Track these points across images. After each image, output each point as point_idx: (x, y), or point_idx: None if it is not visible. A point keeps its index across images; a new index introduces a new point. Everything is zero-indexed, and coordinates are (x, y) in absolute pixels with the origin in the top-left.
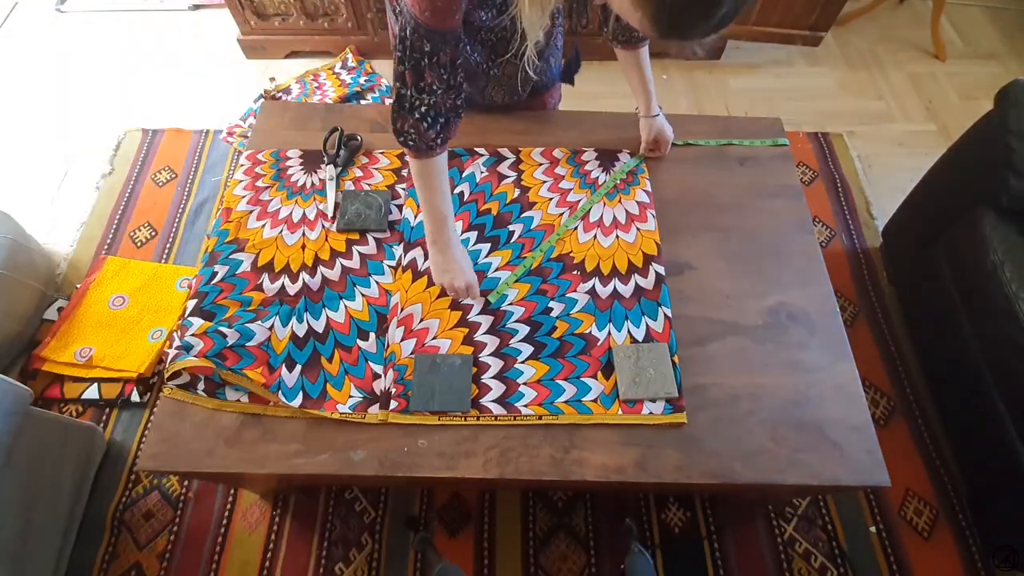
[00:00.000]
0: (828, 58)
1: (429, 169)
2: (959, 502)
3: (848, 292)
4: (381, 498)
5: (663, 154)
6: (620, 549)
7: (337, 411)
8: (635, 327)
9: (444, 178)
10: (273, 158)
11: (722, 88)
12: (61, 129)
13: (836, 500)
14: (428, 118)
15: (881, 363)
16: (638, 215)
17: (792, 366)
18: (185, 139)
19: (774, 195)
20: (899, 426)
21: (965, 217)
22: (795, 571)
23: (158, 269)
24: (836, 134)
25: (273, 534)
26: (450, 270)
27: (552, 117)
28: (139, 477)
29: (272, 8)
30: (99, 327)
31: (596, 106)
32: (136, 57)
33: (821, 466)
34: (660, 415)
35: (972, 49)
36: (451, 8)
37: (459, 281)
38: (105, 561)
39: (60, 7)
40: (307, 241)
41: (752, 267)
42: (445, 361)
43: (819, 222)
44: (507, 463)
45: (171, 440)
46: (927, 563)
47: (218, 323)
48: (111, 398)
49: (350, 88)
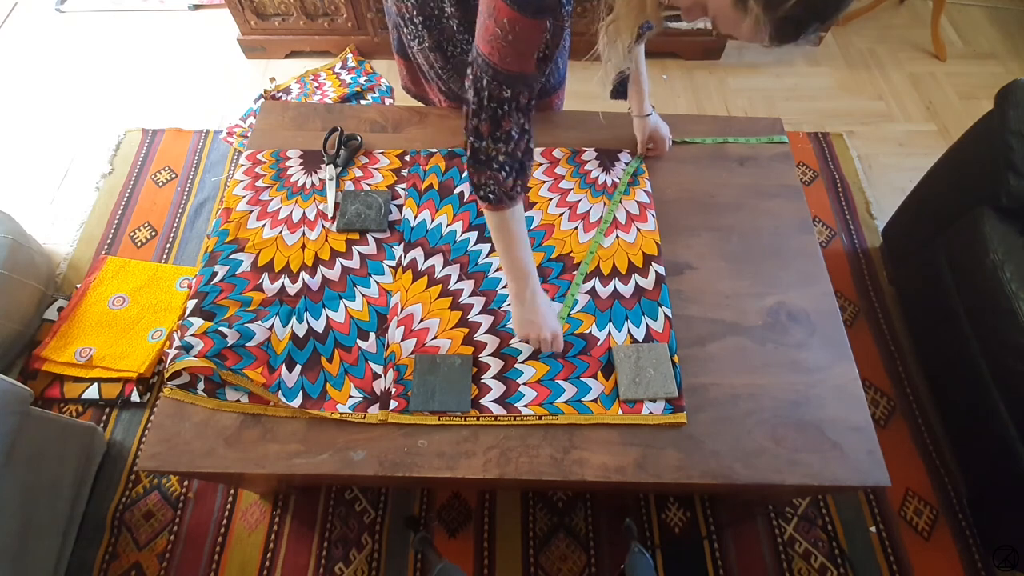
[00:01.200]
0: (828, 58)
1: (508, 221)
2: (959, 502)
3: (848, 292)
4: (381, 498)
5: (662, 152)
6: (620, 549)
7: (337, 411)
8: (635, 327)
9: (524, 229)
10: (273, 158)
11: (722, 88)
12: (61, 129)
13: (836, 500)
14: (507, 167)
15: (881, 363)
16: (638, 215)
17: (792, 366)
18: (185, 139)
19: (774, 195)
20: (899, 426)
21: (965, 217)
22: (795, 571)
23: (158, 269)
24: (836, 134)
25: (273, 534)
26: (535, 322)
27: (552, 117)
28: (139, 477)
29: (272, 8)
30: (99, 327)
31: (596, 106)
32: (136, 57)
33: (821, 466)
34: (660, 415)
35: (972, 49)
36: (532, 50)
37: (545, 332)
38: (105, 561)
39: (60, 7)
40: (307, 241)
41: (752, 267)
42: (445, 361)
43: (819, 222)
44: (507, 463)
45: (171, 440)
46: (927, 563)
47: (218, 323)
48: (111, 398)
49: (350, 88)
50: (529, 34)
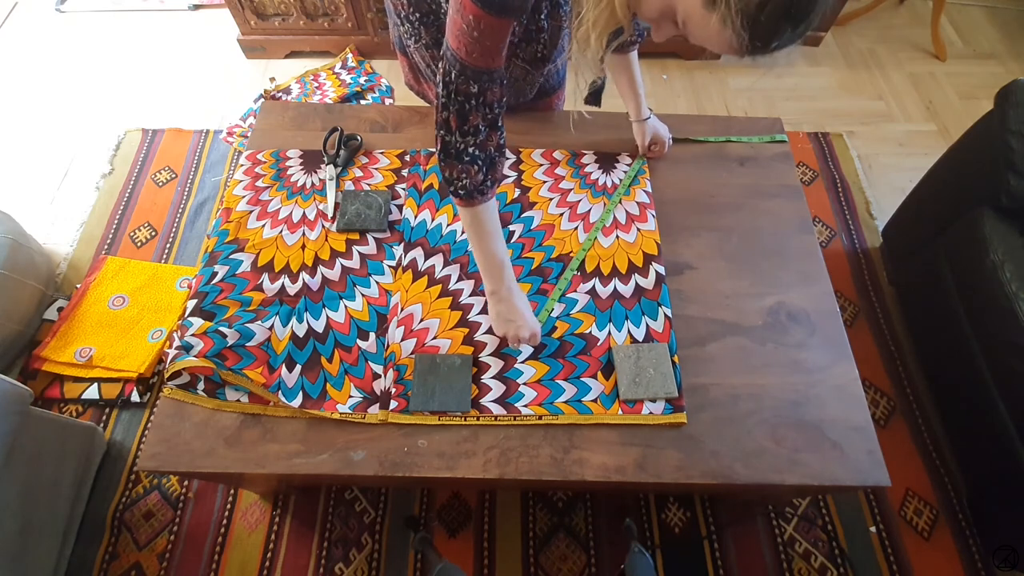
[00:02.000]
0: (828, 58)
1: (481, 216)
2: (959, 502)
3: (848, 292)
4: (381, 498)
5: (663, 153)
6: (620, 549)
7: (337, 411)
8: (635, 327)
9: (497, 224)
10: (273, 158)
11: (722, 88)
12: (61, 129)
13: (836, 500)
14: (478, 161)
15: (881, 363)
16: (638, 215)
17: (792, 366)
18: (185, 139)
19: (774, 195)
20: (899, 426)
21: (965, 217)
22: (795, 571)
23: (158, 269)
24: (836, 134)
25: (273, 534)
26: (514, 319)
27: (552, 118)
28: (139, 477)
29: (272, 8)
30: (99, 327)
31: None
32: (136, 57)
33: (821, 466)
34: (660, 415)
35: (972, 49)
36: (499, 47)
37: (524, 331)
38: (105, 561)
39: (60, 7)
40: (307, 241)
41: (752, 267)
42: (445, 361)
43: (819, 222)
44: (507, 463)
45: (171, 440)
46: (927, 563)
47: (218, 323)
48: (111, 398)
49: (350, 88)
50: (494, 32)
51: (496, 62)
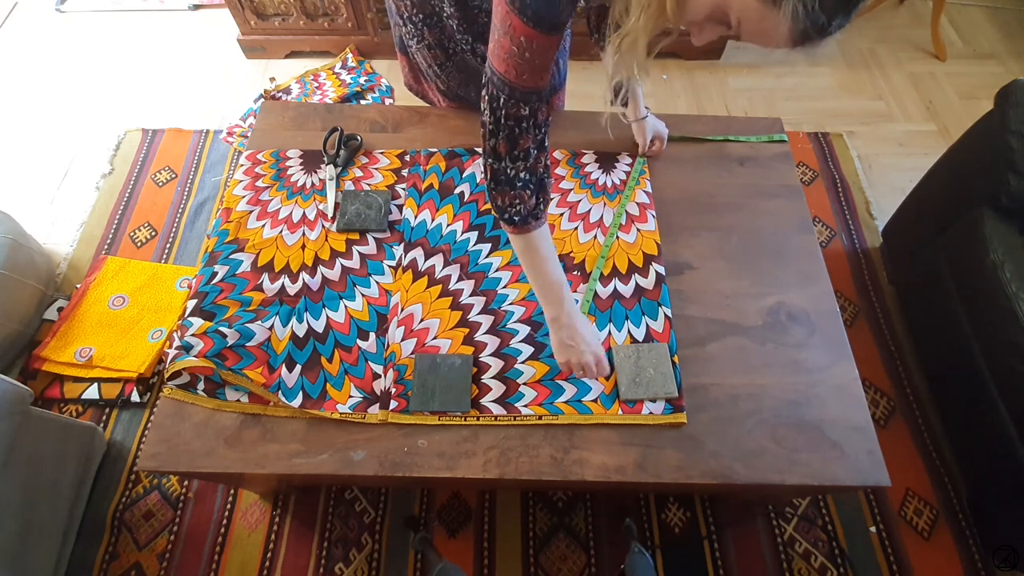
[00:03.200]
0: (828, 58)
1: (535, 241)
2: (959, 502)
3: (848, 292)
4: (381, 498)
5: (662, 149)
6: (620, 549)
7: (337, 411)
8: (635, 327)
9: (552, 247)
10: (273, 158)
11: (722, 88)
12: (61, 129)
13: (836, 500)
14: (530, 185)
15: (881, 363)
16: (638, 215)
17: (792, 366)
18: (185, 139)
19: (774, 195)
20: (899, 426)
21: (965, 217)
22: (795, 571)
23: (158, 269)
24: (836, 134)
25: (273, 534)
26: (575, 344)
27: (552, 118)
28: (139, 477)
29: (272, 8)
30: (99, 327)
31: (596, 106)
32: (136, 57)
33: (821, 466)
34: (660, 415)
35: (972, 49)
36: (548, 65)
37: (587, 356)
38: (105, 561)
39: (60, 7)
40: (307, 241)
41: (752, 267)
42: (445, 361)
43: (819, 222)
44: (507, 463)
45: (171, 440)
46: (927, 563)
47: (218, 323)
48: (111, 398)
49: (350, 88)
50: (545, 50)
51: (544, 80)
